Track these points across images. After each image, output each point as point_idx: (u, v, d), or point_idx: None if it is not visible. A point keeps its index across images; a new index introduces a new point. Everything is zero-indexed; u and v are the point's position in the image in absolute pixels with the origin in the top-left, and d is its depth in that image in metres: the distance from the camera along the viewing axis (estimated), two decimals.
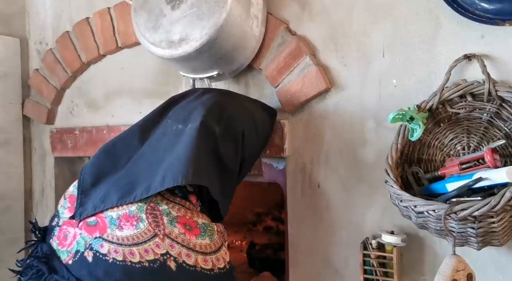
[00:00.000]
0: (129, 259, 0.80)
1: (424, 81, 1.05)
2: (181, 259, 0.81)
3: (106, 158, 0.98)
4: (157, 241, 0.82)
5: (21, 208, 1.70)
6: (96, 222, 0.85)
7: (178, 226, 0.84)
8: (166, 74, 1.44)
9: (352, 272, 1.13)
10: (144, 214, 0.84)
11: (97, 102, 1.59)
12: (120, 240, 0.82)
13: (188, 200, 0.90)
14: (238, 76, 1.31)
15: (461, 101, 0.97)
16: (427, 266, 1.06)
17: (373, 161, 1.13)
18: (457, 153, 0.99)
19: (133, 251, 0.81)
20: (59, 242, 0.87)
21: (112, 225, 0.84)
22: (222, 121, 0.99)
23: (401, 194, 0.90)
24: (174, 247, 0.82)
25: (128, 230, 0.82)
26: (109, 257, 0.80)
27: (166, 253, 0.81)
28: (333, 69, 1.18)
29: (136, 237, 0.82)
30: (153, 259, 0.80)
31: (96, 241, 0.83)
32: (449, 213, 0.81)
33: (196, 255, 0.83)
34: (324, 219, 1.20)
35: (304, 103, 1.21)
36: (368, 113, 1.13)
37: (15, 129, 1.69)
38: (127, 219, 0.84)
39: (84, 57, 1.55)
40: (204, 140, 0.94)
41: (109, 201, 0.87)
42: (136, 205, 0.85)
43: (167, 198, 0.88)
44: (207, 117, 0.97)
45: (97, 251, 0.82)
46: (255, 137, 1.10)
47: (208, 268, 0.84)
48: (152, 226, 0.83)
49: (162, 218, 0.84)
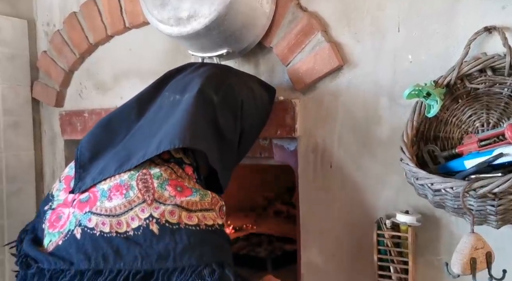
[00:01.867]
0: (115, 230, 0.76)
1: (442, 56, 1.01)
2: (163, 219, 0.75)
3: (103, 133, 0.95)
4: (143, 206, 0.77)
5: (33, 190, 1.71)
6: (88, 198, 0.82)
7: (169, 189, 0.79)
8: (174, 54, 1.42)
9: (366, 252, 1.11)
10: (134, 181, 0.80)
11: (106, 84, 1.57)
12: (108, 211, 0.78)
13: (182, 169, 0.86)
14: (248, 55, 1.28)
15: (481, 75, 0.93)
16: (443, 246, 1.03)
17: (387, 140, 1.10)
18: (475, 130, 0.96)
19: (121, 221, 0.76)
20: (49, 225, 0.84)
21: (102, 197, 0.80)
22: (220, 91, 0.96)
23: (417, 172, 0.88)
24: (159, 208, 0.76)
25: (117, 199, 0.78)
26: (96, 231, 0.77)
27: (149, 216, 0.76)
28: (345, 45, 1.14)
29: (123, 205, 0.77)
30: (137, 226, 0.75)
31: (85, 216, 0.79)
32: (468, 190, 0.78)
33: (181, 211, 0.77)
34: (336, 200, 1.18)
35: (316, 81, 1.18)
36: (382, 90, 1.10)
37: (24, 112, 1.69)
38: (117, 189, 0.79)
39: (91, 38, 1.53)
40: (202, 108, 0.91)
41: (107, 171, 0.84)
42: (128, 174, 0.81)
43: (161, 164, 0.84)
44: (204, 86, 0.94)
45: (85, 226, 0.78)
46: (254, 109, 1.06)
47: (192, 224, 0.77)
48: (141, 192, 0.78)
49: (153, 182, 0.79)
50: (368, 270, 1.09)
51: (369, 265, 1.08)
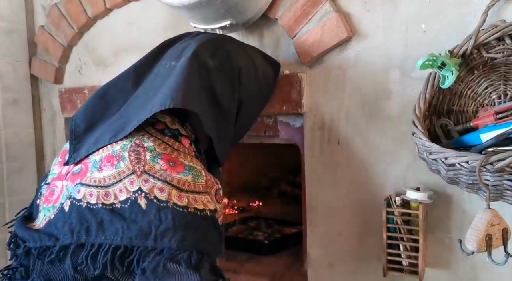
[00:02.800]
0: (101, 202, 0.72)
1: (457, 25, 0.96)
2: (152, 195, 0.71)
3: (99, 104, 0.91)
4: (132, 177, 0.73)
5: (34, 169, 1.68)
6: (80, 169, 0.79)
7: (161, 162, 0.75)
8: (176, 27, 1.37)
9: (374, 231, 1.08)
10: (127, 152, 0.76)
11: (106, 60, 1.53)
12: (97, 181, 0.74)
13: (179, 141, 0.82)
14: (252, 27, 1.23)
15: (499, 44, 0.89)
16: (454, 223, 1.00)
17: (397, 115, 1.05)
18: (492, 102, 0.92)
19: (109, 192, 0.73)
20: (44, 200, 0.81)
21: (93, 168, 0.77)
22: (217, 56, 0.92)
23: (430, 146, 0.84)
24: (148, 182, 0.72)
25: (107, 170, 0.75)
26: (83, 202, 0.73)
27: (138, 189, 0.72)
28: (354, 15, 1.09)
29: (113, 176, 0.74)
30: (125, 199, 0.72)
31: (75, 187, 0.76)
32: (484, 164, 0.74)
33: (171, 189, 0.72)
34: (344, 178, 1.14)
35: (323, 54, 1.13)
36: (393, 63, 1.05)
37: (23, 89, 1.64)
38: (108, 160, 0.76)
39: (90, 12, 1.48)
40: (196, 72, 0.86)
41: (102, 141, 0.81)
42: (121, 144, 0.78)
43: (155, 136, 0.81)
44: (199, 50, 0.89)
45: (74, 198, 0.75)
46: (254, 79, 1.00)
47: (181, 204, 0.72)
48: (132, 163, 0.74)
49: (145, 155, 0.76)
50: (377, 248, 1.06)
51: (377, 244, 1.05)
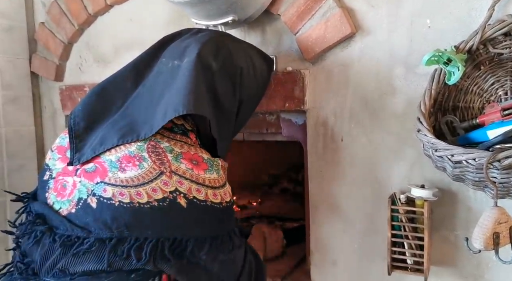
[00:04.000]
0: (136, 201, 0.76)
1: (463, 20, 0.94)
2: (191, 195, 0.78)
3: (98, 102, 0.91)
4: (164, 178, 0.78)
5: (34, 167, 1.67)
6: (95, 168, 0.80)
7: (184, 162, 0.80)
8: (177, 24, 1.35)
9: (379, 229, 1.07)
10: (146, 153, 0.79)
11: (106, 57, 1.51)
12: (125, 182, 0.77)
13: (188, 137, 0.87)
14: (254, 23, 1.21)
15: (505, 39, 0.87)
16: (460, 221, 0.99)
17: (402, 111, 1.04)
18: (498, 98, 0.90)
19: (140, 191, 0.76)
20: (57, 194, 0.82)
21: (113, 168, 0.79)
22: (219, 57, 0.92)
23: (436, 143, 0.82)
24: (183, 183, 0.78)
25: (131, 171, 0.78)
26: (114, 201, 0.76)
27: (175, 190, 0.77)
28: (358, 11, 1.07)
29: (141, 177, 0.77)
30: (162, 198, 0.76)
31: (98, 186, 0.78)
32: (492, 162, 0.73)
33: (206, 189, 0.80)
34: (347, 175, 1.13)
35: (327, 50, 1.12)
36: (397, 59, 1.04)
37: (23, 86, 1.63)
38: (128, 160, 0.79)
39: (90, 8, 1.47)
40: (202, 74, 0.87)
41: (109, 142, 0.82)
42: (135, 146, 0.80)
43: (167, 136, 0.84)
44: (203, 50, 0.90)
45: (101, 196, 0.77)
46: (253, 78, 1.01)
47: (217, 201, 0.81)
48: (157, 164, 0.78)
49: (166, 155, 0.80)
50: (381, 246, 1.05)
51: (382, 242, 1.04)
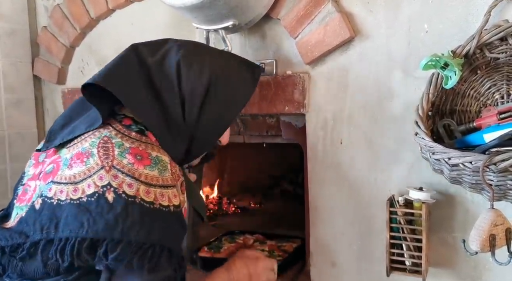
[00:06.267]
0: (70, 197, 0.73)
1: (460, 25, 0.96)
2: (121, 190, 0.72)
3: (78, 104, 0.92)
4: (101, 173, 0.74)
5: None
6: (52, 168, 0.79)
7: (128, 157, 0.76)
8: (178, 28, 1.37)
9: (377, 231, 1.09)
10: (95, 148, 0.77)
11: (108, 60, 1.49)
12: (67, 179, 0.75)
13: (145, 135, 0.81)
14: (255, 27, 1.23)
15: (502, 44, 0.88)
16: (457, 223, 1.00)
17: (400, 115, 1.06)
18: (495, 102, 0.92)
19: (77, 187, 0.73)
20: (17, 199, 0.82)
21: (64, 166, 0.77)
22: (156, 55, 0.90)
23: (433, 146, 0.84)
24: (118, 177, 0.73)
25: (77, 167, 0.75)
26: (54, 199, 0.74)
27: (107, 184, 0.72)
28: (357, 16, 1.09)
29: (83, 173, 0.74)
30: (92, 193, 0.72)
31: (47, 186, 0.76)
32: (488, 165, 0.75)
33: (139, 185, 0.73)
34: (347, 178, 1.14)
35: (326, 55, 1.13)
36: (396, 63, 1.05)
37: (26, 89, 1.65)
38: (78, 157, 0.77)
39: (92, 12, 1.48)
40: (135, 63, 0.87)
41: (78, 130, 0.82)
42: (89, 141, 0.79)
43: (122, 132, 0.80)
44: (139, 45, 0.91)
45: (46, 196, 0.75)
46: (199, 73, 0.89)
47: (148, 200, 0.73)
48: (101, 159, 0.75)
49: (114, 150, 0.76)
50: (379, 248, 1.06)
51: (380, 244, 1.05)
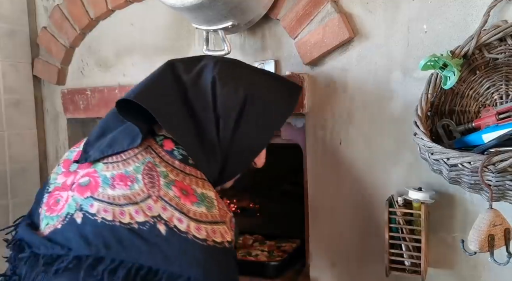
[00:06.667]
0: (118, 219, 0.74)
1: (459, 25, 0.96)
2: (172, 224, 0.74)
3: (114, 115, 0.91)
4: (149, 202, 0.75)
5: (36, 170, 1.69)
6: (88, 182, 0.79)
7: (174, 189, 0.77)
8: (177, 29, 1.37)
9: (376, 231, 1.09)
10: (140, 175, 0.78)
11: (108, 61, 1.53)
12: (111, 199, 0.76)
13: (190, 165, 0.82)
14: (254, 28, 1.23)
15: (501, 45, 0.89)
16: (457, 223, 1.00)
17: (399, 115, 1.06)
18: (494, 102, 0.92)
19: (124, 211, 0.74)
20: (47, 209, 0.81)
21: (105, 184, 0.78)
22: (191, 72, 0.91)
23: (432, 146, 0.84)
24: (167, 210, 0.75)
25: (120, 189, 0.76)
26: (98, 217, 0.74)
27: (157, 215, 0.74)
28: (356, 16, 1.09)
29: (128, 197, 0.76)
30: (142, 221, 0.73)
31: (87, 201, 0.77)
32: (487, 165, 0.75)
33: (189, 221, 0.75)
34: (346, 178, 1.14)
35: (325, 55, 1.14)
36: (395, 63, 1.05)
37: (26, 90, 1.65)
38: (121, 179, 0.78)
39: (92, 13, 1.48)
40: (171, 80, 0.87)
41: (119, 145, 0.81)
42: (133, 165, 0.79)
43: (166, 161, 0.81)
44: (175, 62, 0.91)
45: (87, 211, 0.75)
46: (234, 90, 0.90)
47: (201, 237, 0.74)
48: (147, 187, 0.77)
49: (159, 180, 0.78)
50: (379, 248, 1.06)
51: (380, 244, 1.05)
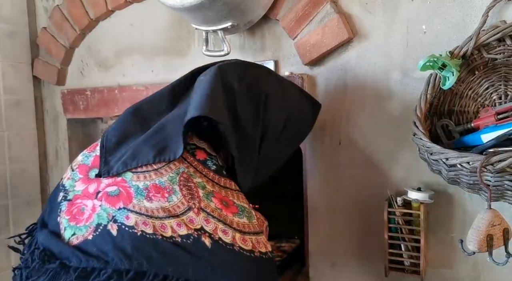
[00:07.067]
0: (160, 233, 0.71)
1: (458, 25, 0.96)
2: (216, 236, 0.71)
3: (132, 119, 0.88)
4: (191, 215, 0.72)
5: (36, 170, 1.69)
6: (118, 192, 0.76)
7: (215, 201, 0.75)
8: (177, 29, 1.37)
9: (375, 231, 1.09)
10: (177, 185, 0.75)
11: (108, 61, 1.53)
12: (150, 212, 0.72)
13: (224, 177, 0.80)
14: (254, 28, 1.23)
15: (499, 45, 0.89)
16: (456, 223, 1.00)
17: (398, 115, 1.06)
18: (492, 102, 0.92)
19: (165, 224, 0.71)
20: (70, 218, 0.77)
21: (139, 196, 0.74)
22: (243, 80, 0.88)
23: (431, 147, 0.84)
24: (210, 222, 0.72)
25: (158, 201, 0.73)
26: (137, 230, 0.71)
27: (200, 228, 0.71)
28: (355, 16, 1.09)
29: (167, 210, 0.73)
30: (186, 234, 0.71)
31: (121, 212, 0.73)
32: (485, 165, 0.75)
33: (234, 232, 0.73)
34: (345, 178, 1.15)
35: (325, 55, 1.14)
36: (394, 64, 1.06)
37: (26, 90, 1.65)
38: (157, 191, 0.74)
39: (92, 13, 1.49)
40: (221, 90, 0.83)
41: (144, 158, 0.77)
42: (167, 176, 0.76)
43: (200, 171, 0.79)
44: (224, 65, 0.87)
45: (123, 223, 0.72)
46: (282, 108, 0.92)
47: (247, 249, 0.72)
48: (186, 198, 0.74)
49: (198, 191, 0.75)
50: (378, 248, 1.07)
51: (379, 244, 1.05)
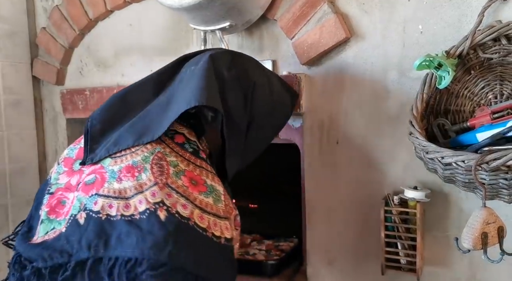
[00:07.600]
0: (121, 213, 0.69)
1: (454, 25, 0.97)
2: (174, 210, 0.69)
3: (117, 106, 0.87)
4: (154, 189, 0.70)
5: (36, 170, 1.70)
6: (94, 180, 0.74)
7: (183, 179, 0.73)
8: (176, 29, 1.38)
9: (372, 230, 1.09)
10: (149, 164, 0.73)
11: (107, 61, 1.54)
12: (117, 193, 0.70)
13: (200, 158, 0.79)
14: (251, 28, 1.24)
15: (495, 45, 0.90)
16: (451, 222, 1.01)
17: (395, 114, 1.07)
18: (488, 102, 0.93)
19: (129, 203, 0.69)
20: (49, 210, 0.77)
21: (111, 179, 0.73)
22: (233, 69, 0.89)
23: (427, 146, 0.85)
24: (171, 196, 0.70)
25: (127, 181, 0.71)
26: (102, 214, 0.69)
27: (160, 201, 0.69)
28: (352, 17, 1.10)
29: (134, 188, 0.71)
30: (143, 210, 0.68)
31: (91, 199, 0.71)
32: (480, 164, 0.76)
33: (194, 208, 0.70)
34: (343, 177, 1.15)
35: (322, 55, 1.14)
36: (391, 63, 1.06)
37: (25, 90, 1.66)
38: (128, 170, 0.73)
39: (91, 13, 1.49)
40: (214, 76, 0.84)
41: (124, 142, 0.77)
42: (141, 155, 0.75)
43: (177, 152, 0.77)
44: (216, 55, 0.88)
45: (91, 210, 0.70)
46: (268, 96, 0.95)
47: (202, 226, 0.69)
48: (155, 175, 0.72)
49: (169, 169, 0.73)
50: (375, 247, 1.07)
51: (376, 242, 1.06)
